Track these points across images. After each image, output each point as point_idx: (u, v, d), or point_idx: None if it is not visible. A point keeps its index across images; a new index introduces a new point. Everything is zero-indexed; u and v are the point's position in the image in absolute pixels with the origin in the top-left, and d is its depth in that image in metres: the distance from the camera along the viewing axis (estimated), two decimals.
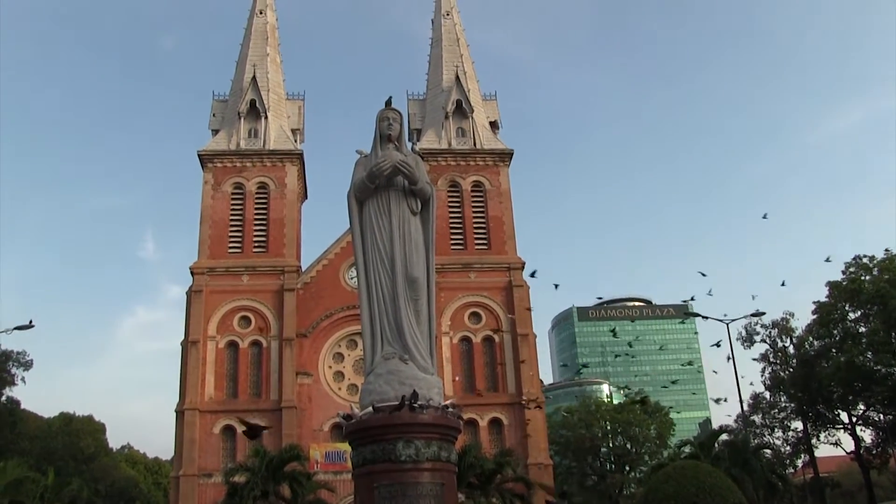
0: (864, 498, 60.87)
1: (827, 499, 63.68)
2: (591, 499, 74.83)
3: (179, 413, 51.06)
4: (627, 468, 73.10)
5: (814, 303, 55.14)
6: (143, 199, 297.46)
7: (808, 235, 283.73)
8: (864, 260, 52.68)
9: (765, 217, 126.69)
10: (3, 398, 63.25)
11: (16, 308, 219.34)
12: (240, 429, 47.63)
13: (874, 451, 57.50)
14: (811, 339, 57.20)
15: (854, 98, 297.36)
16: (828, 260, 65.29)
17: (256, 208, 56.76)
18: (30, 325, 39.27)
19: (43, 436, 69.07)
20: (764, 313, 49.78)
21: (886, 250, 51.51)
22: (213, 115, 60.48)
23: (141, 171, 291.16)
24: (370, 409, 11.51)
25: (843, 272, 53.21)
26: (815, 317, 55.21)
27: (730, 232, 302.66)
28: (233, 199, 56.78)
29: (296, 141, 60.27)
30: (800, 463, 64.38)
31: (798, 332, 58.92)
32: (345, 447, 38.15)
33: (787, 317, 59.32)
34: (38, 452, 64.16)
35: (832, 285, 53.57)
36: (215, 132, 59.48)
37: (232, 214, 56.39)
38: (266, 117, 58.80)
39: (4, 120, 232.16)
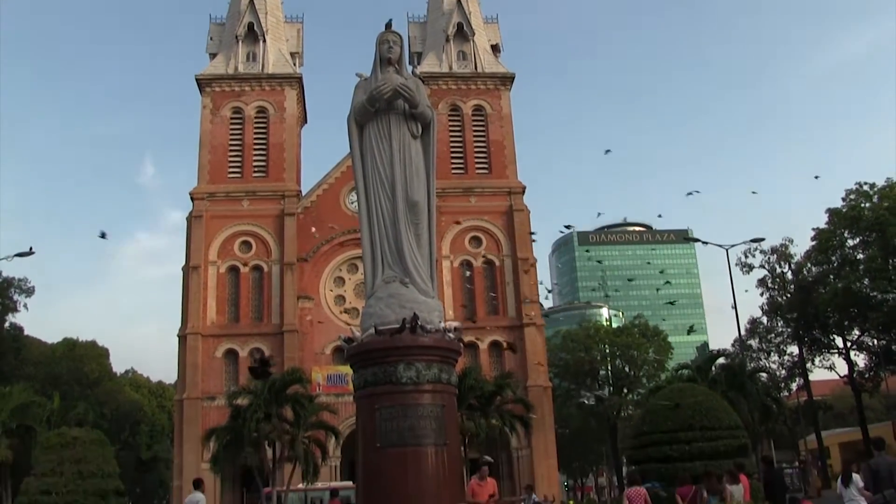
0: (855, 420, 61.72)
1: (819, 421, 64.56)
2: (589, 421, 75.80)
3: (182, 338, 51.49)
4: (626, 391, 73.87)
5: (813, 229, 55.22)
6: (141, 125, 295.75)
7: (809, 163, 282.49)
8: (865, 187, 52.58)
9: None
10: (7, 324, 63.72)
11: (16, 235, 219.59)
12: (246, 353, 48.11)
13: (867, 375, 58.24)
14: (809, 265, 57.43)
15: (858, 24, 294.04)
16: (816, 177, 64.93)
17: (256, 133, 56.53)
18: (30, 252, 39.31)
19: (47, 361, 69.58)
20: (763, 239, 49.90)
21: (888, 178, 51.38)
22: (211, 38, 59.80)
23: (139, 96, 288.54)
24: (371, 332, 11.64)
25: (844, 199, 53.13)
26: (814, 243, 55.33)
27: (731, 158, 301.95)
28: (232, 123, 56.51)
29: (295, 64, 59.74)
30: (794, 386, 65.10)
31: (797, 259, 59.16)
32: (346, 370, 38.54)
33: (786, 243, 59.52)
34: (42, 377, 64.73)
35: (832, 212, 53.55)
36: (213, 56, 58.92)
37: (231, 139, 56.19)
38: (264, 40, 58.16)
39: (3, 47, 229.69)
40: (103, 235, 49.87)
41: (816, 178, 62.59)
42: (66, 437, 29.26)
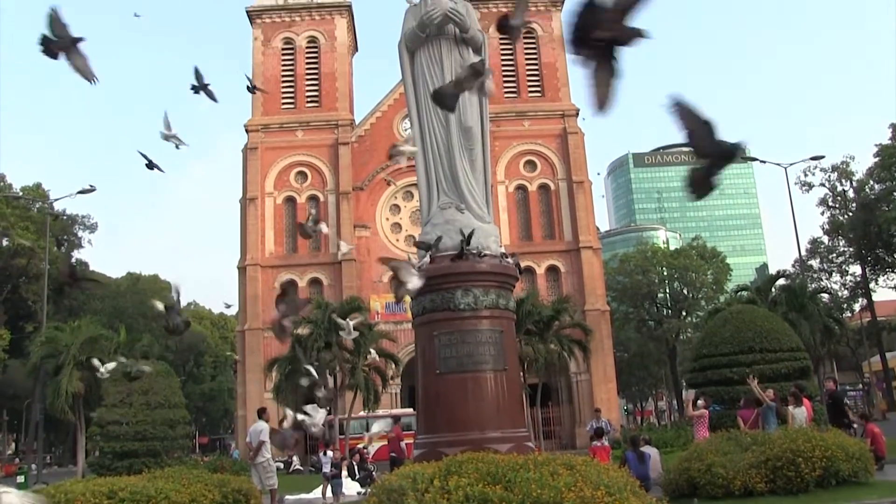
0: None
1: (884, 342, 63.60)
2: (648, 344, 75.70)
3: (241, 269, 52.17)
4: (684, 313, 73.52)
5: (876, 145, 53.78)
6: (195, 59, 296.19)
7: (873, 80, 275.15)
8: None
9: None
10: (73, 260, 65.14)
11: (76, 169, 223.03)
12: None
13: None
14: (872, 182, 56.05)
15: None
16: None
17: (307, 63, 56.31)
18: (91, 189, 40.30)
19: (112, 296, 71.11)
20: (823, 157, 48.85)
21: None
22: None
23: (192, 30, 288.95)
24: (427, 258, 11.61)
25: None
26: (876, 160, 53.89)
27: (791, 75, 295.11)
28: (283, 54, 56.34)
29: None
30: (857, 307, 64.16)
31: (858, 176, 57.77)
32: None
33: (847, 160, 58.10)
34: (108, 311, 66.17)
35: None
36: None
37: (283, 70, 56.06)
38: None
39: None
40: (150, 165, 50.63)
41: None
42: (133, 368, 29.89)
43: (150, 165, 10.49)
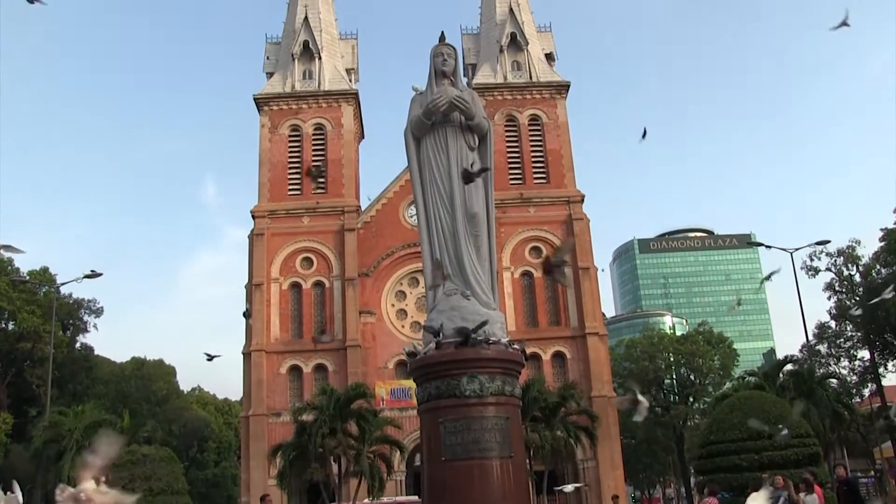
0: None
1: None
2: (655, 430, 74.90)
3: (247, 355, 51.97)
4: (691, 399, 72.89)
5: (881, 230, 53.84)
6: (202, 146, 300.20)
7: (876, 167, 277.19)
8: None
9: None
10: (78, 345, 65.23)
11: (83, 254, 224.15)
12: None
13: None
14: (878, 266, 55.99)
15: None
16: None
17: (314, 150, 56.93)
18: (97, 274, 40.71)
19: (117, 380, 70.99)
20: (829, 241, 48.79)
21: None
22: (267, 58, 60.46)
23: (198, 118, 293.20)
24: (433, 345, 11.59)
25: None
26: (882, 244, 53.93)
27: (793, 161, 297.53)
28: (290, 141, 57.01)
29: (350, 80, 60.10)
30: (866, 392, 63.56)
31: (865, 260, 57.73)
32: (410, 384, 38.59)
33: (854, 245, 58.10)
34: (112, 396, 66.02)
35: None
36: (270, 75, 59.54)
37: (290, 157, 56.66)
38: (320, 58, 58.66)
39: (68, 68, 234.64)
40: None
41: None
42: (136, 454, 29.79)
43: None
